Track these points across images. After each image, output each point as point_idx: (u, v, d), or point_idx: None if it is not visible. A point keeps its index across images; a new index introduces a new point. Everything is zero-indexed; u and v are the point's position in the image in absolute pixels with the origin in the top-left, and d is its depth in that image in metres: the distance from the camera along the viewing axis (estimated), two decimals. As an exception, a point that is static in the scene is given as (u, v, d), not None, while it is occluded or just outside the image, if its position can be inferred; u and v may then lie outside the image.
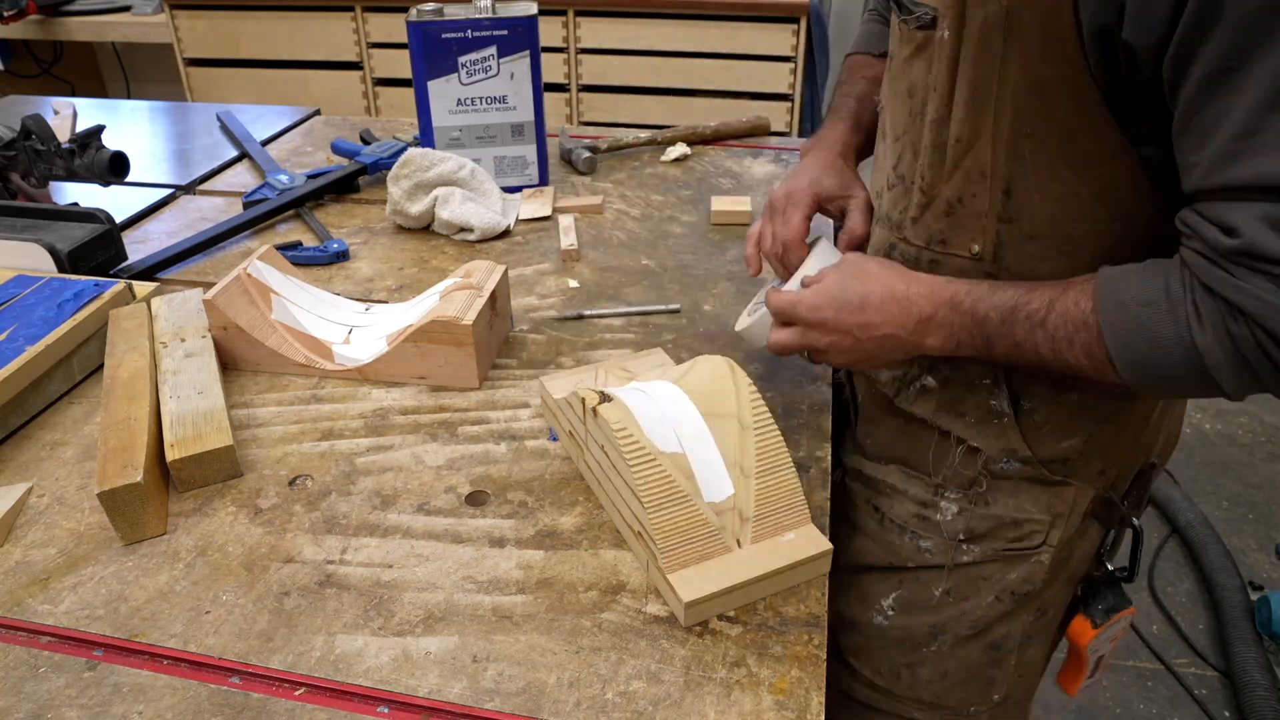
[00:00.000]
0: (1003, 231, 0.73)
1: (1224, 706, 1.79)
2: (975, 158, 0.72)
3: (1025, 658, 0.91)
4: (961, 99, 0.71)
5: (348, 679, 0.62)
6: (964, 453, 0.83)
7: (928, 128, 0.75)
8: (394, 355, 0.92)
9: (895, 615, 0.90)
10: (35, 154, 1.26)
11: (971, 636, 0.88)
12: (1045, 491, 0.83)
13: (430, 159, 1.22)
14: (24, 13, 2.77)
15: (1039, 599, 0.87)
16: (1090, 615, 0.89)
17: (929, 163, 0.76)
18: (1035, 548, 0.84)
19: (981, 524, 0.84)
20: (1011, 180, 0.71)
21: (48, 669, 0.64)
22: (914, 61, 0.76)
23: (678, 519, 0.67)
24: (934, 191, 0.76)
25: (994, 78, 0.68)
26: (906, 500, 0.87)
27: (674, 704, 0.60)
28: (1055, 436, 0.80)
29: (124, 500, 0.72)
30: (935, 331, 0.72)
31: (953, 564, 0.86)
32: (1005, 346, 0.69)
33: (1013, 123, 0.68)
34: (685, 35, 2.53)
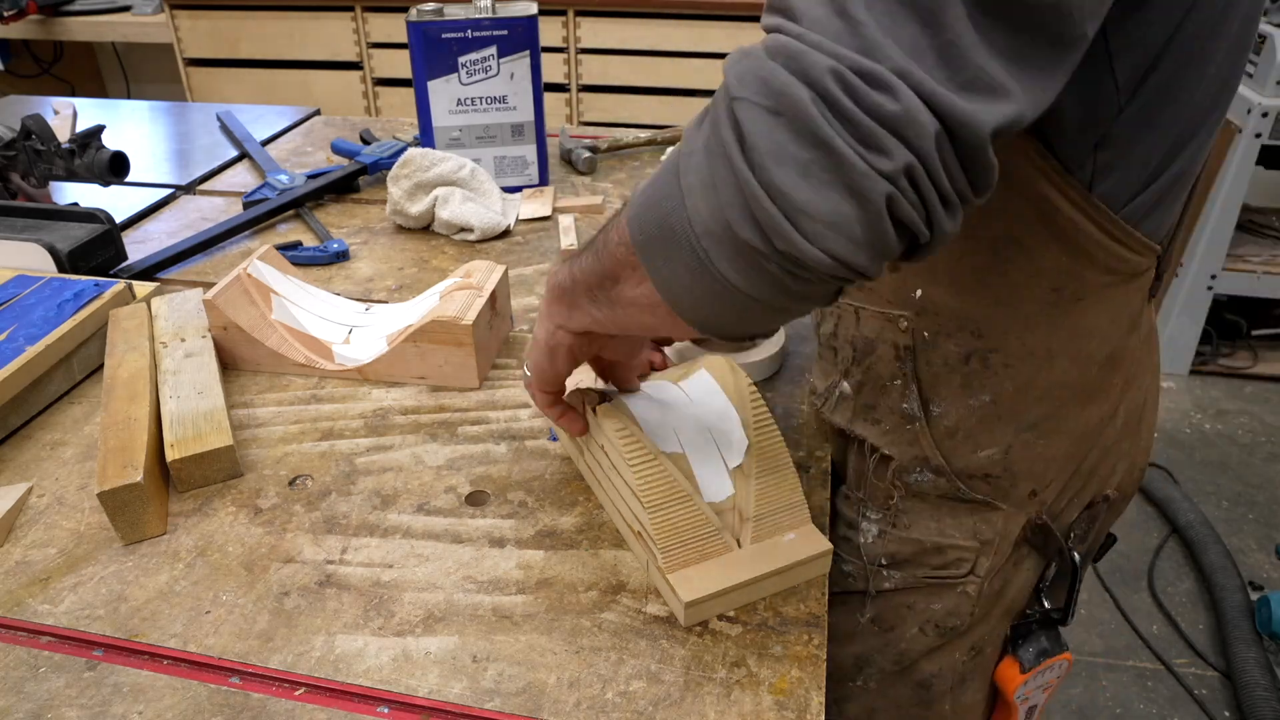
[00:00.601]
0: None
1: (1224, 706, 1.79)
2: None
3: (962, 702, 0.85)
4: None
5: (348, 679, 0.62)
6: (877, 462, 0.79)
7: None
8: (394, 355, 0.92)
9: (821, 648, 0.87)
10: (35, 154, 1.26)
11: (898, 673, 0.83)
12: (970, 515, 0.77)
13: (430, 159, 1.22)
14: (24, 13, 2.78)
15: (970, 635, 0.82)
16: (1020, 659, 0.82)
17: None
18: (961, 576, 0.79)
19: (903, 548, 0.80)
20: None
21: (48, 669, 0.64)
22: None
23: (678, 519, 0.67)
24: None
25: None
26: (840, 521, 0.84)
27: (674, 704, 0.60)
28: (969, 445, 0.75)
29: (124, 500, 0.72)
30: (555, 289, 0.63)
31: (874, 590, 0.82)
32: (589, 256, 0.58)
33: None
34: (685, 35, 2.54)
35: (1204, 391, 2.68)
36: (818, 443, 0.86)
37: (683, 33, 2.53)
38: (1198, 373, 2.74)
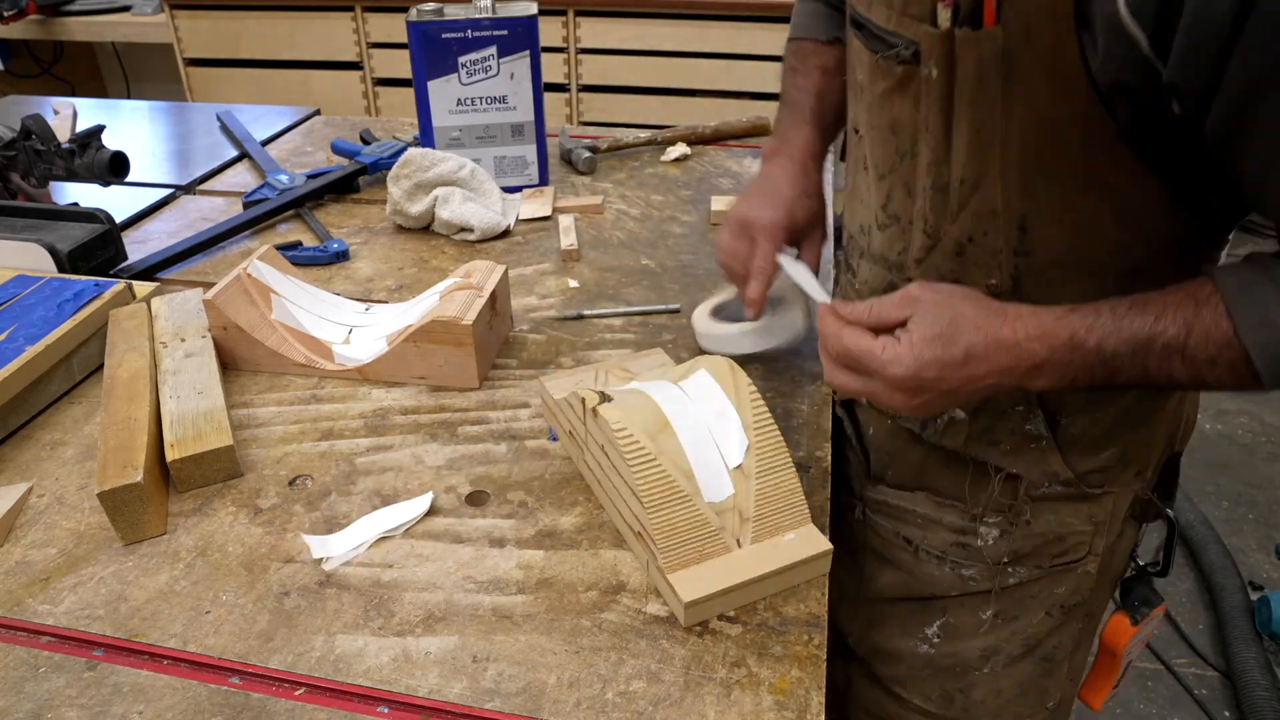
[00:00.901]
0: (1021, 265, 0.70)
1: (1224, 706, 1.79)
2: (983, 197, 0.68)
3: (1075, 662, 0.90)
4: (961, 141, 0.67)
5: (348, 679, 0.62)
6: (1002, 480, 0.80)
7: (923, 169, 0.71)
8: (394, 355, 0.92)
9: (941, 643, 0.88)
10: (35, 154, 1.26)
11: (1024, 654, 0.86)
12: (1085, 502, 0.80)
13: (430, 159, 1.22)
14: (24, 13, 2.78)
15: (1086, 606, 0.86)
16: (1130, 612, 0.87)
17: (930, 205, 0.72)
18: (1080, 559, 0.82)
19: (1025, 544, 0.82)
20: (1026, 216, 0.67)
21: (48, 669, 0.64)
22: (895, 98, 0.71)
23: (677, 519, 0.67)
24: (939, 233, 0.72)
25: (996, 118, 0.64)
26: (941, 529, 0.84)
27: (674, 704, 0.60)
28: (1093, 450, 0.78)
29: (124, 500, 0.72)
30: (1048, 374, 0.64)
31: (999, 588, 0.84)
32: (1131, 377, 0.63)
33: (1022, 161, 0.64)
34: (685, 35, 2.53)
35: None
36: (818, 443, 0.86)
37: (683, 33, 2.53)
38: (1198, 373, 2.74)
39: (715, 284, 1.12)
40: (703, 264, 1.17)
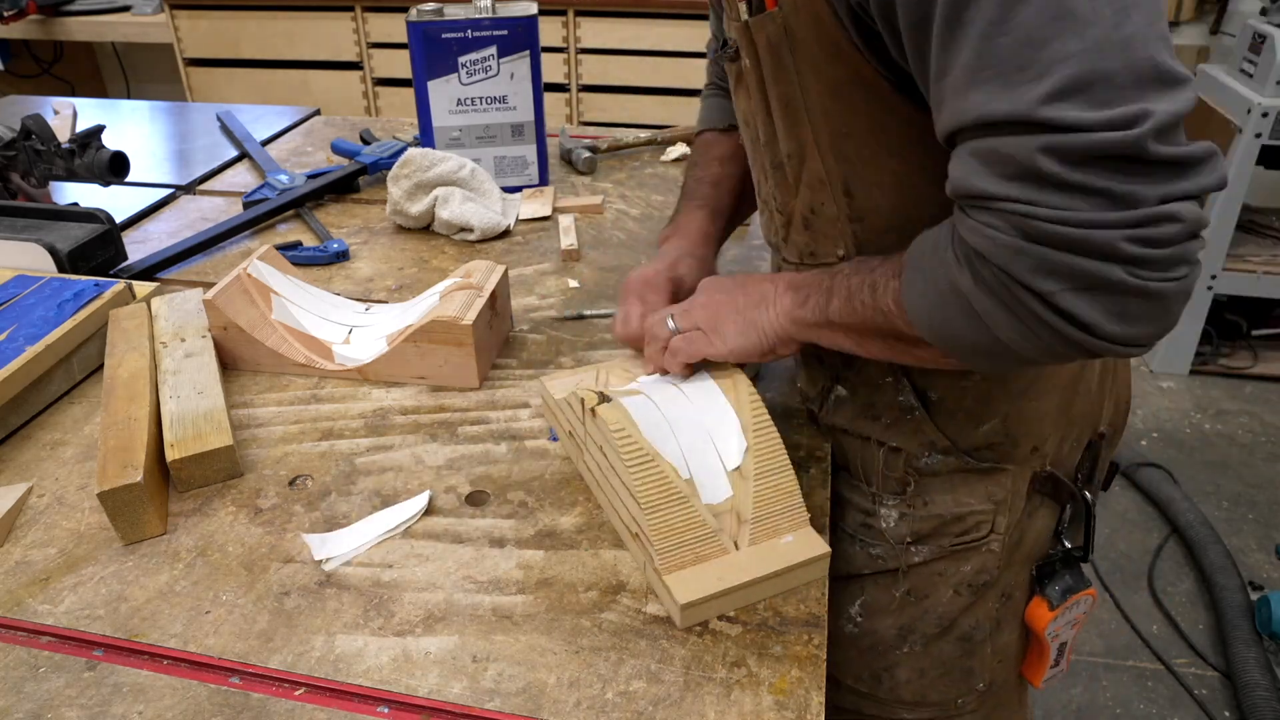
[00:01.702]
0: (858, 231, 0.74)
1: (1224, 706, 1.79)
2: (810, 168, 0.73)
3: (999, 644, 0.91)
4: (778, 116, 0.73)
5: (348, 679, 0.62)
6: (887, 454, 0.83)
7: (763, 150, 0.77)
8: (394, 355, 0.92)
9: (863, 621, 0.90)
10: (35, 154, 1.26)
11: (940, 633, 0.88)
12: (981, 480, 0.82)
13: (430, 159, 1.22)
14: (24, 13, 2.78)
15: (998, 585, 0.87)
16: (1047, 597, 0.88)
17: (775, 183, 0.78)
18: (983, 538, 0.84)
19: (925, 525, 0.84)
20: (848, 181, 0.72)
21: (48, 669, 0.64)
22: (738, 92, 0.79)
23: (674, 520, 0.67)
24: (789, 209, 0.78)
25: (796, 91, 0.69)
26: (853, 509, 0.87)
27: (674, 704, 0.60)
28: (971, 422, 0.79)
29: (124, 500, 0.72)
30: (794, 285, 0.73)
31: (905, 566, 0.86)
32: (841, 295, 0.68)
33: (828, 128, 0.69)
34: (685, 35, 2.54)
35: (1204, 391, 2.68)
36: (818, 442, 0.86)
37: (683, 33, 2.53)
38: (1198, 373, 2.74)
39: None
40: (703, 264, 1.17)
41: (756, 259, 1.18)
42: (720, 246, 0.96)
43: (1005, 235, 0.53)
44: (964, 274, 0.57)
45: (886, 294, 0.64)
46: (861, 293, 0.66)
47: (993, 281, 0.55)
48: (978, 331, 0.58)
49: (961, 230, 0.56)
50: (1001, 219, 0.53)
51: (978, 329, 0.58)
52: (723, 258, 1.18)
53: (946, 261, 0.58)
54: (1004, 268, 0.54)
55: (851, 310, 0.67)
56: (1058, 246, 0.51)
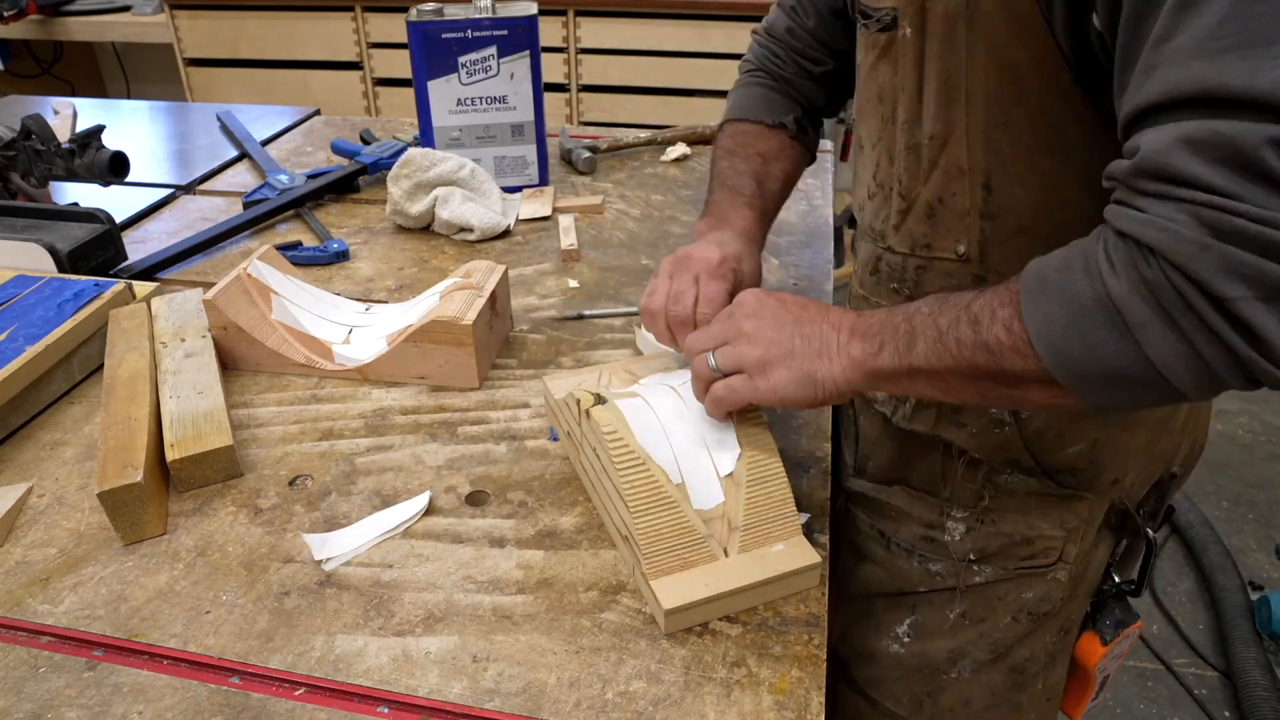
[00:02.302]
0: (987, 229, 0.70)
1: (1224, 706, 1.79)
2: (951, 155, 0.69)
3: (1051, 680, 0.88)
4: (931, 95, 0.69)
5: (348, 679, 0.62)
6: (965, 464, 0.80)
7: (900, 130, 0.73)
8: (394, 355, 0.92)
9: (911, 642, 0.87)
10: (35, 154, 1.26)
11: (992, 660, 0.85)
12: (1057, 505, 0.79)
13: (430, 159, 1.22)
14: (24, 13, 2.77)
15: (1059, 617, 0.84)
16: (1100, 631, 0.85)
17: (905, 166, 0.74)
18: (1050, 565, 0.81)
19: (991, 542, 0.81)
20: (991, 174, 0.68)
21: (48, 669, 0.64)
22: (880, 65, 0.74)
23: (663, 525, 0.67)
24: (913, 195, 0.74)
25: (961, 69, 0.65)
26: (912, 523, 0.85)
27: (674, 704, 0.60)
28: (1058, 443, 0.77)
29: (124, 500, 0.72)
30: (864, 329, 0.65)
31: (964, 586, 0.83)
32: (929, 337, 0.61)
33: (985, 114, 0.66)
34: (685, 35, 2.54)
35: (1204, 391, 2.68)
36: (818, 443, 0.86)
37: (683, 33, 2.53)
38: (1198, 373, 2.74)
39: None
40: (703, 264, 1.17)
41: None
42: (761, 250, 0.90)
43: (1190, 230, 0.47)
44: (1119, 279, 0.50)
45: (994, 325, 0.57)
46: (957, 330, 0.59)
47: (1160, 283, 0.48)
48: (1122, 351, 0.51)
49: (1126, 225, 0.50)
50: (1188, 212, 0.47)
51: (1123, 348, 0.51)
52: (723, 258, 1.18)
53: (1091, 271, 0.52)
54: (1183, 265, 0.47)
55: (943, 352, 0.60)
56: (1252, 248, 0.46)
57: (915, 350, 0.61)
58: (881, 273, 0.82)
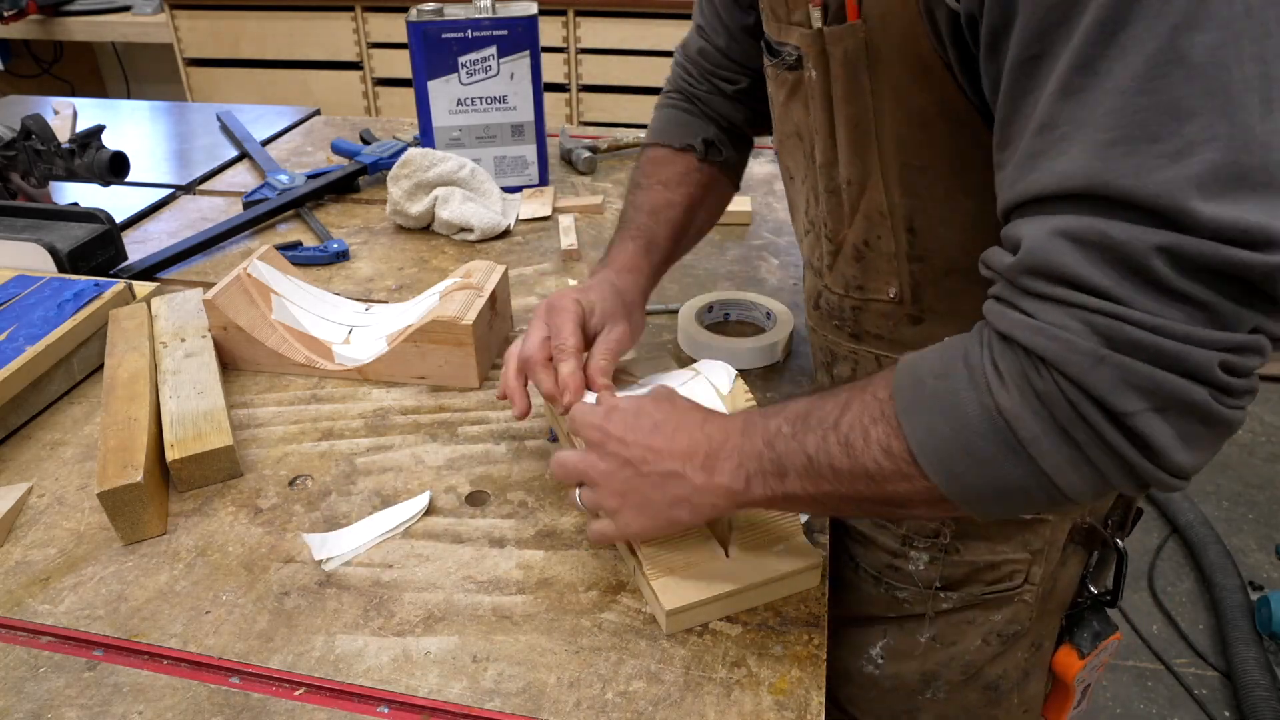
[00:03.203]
0: (916, 271, 0.68)
1: (1224, 706, 1.79)
2: (870, 199, 0.67)
3: (1027, 694, 0.87)
4: (844, 140, 0.66)
5: (348, 679, 0.62)
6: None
7: (820, 172, 0.71)
8: (394, 355, 0.92)
9: (885, 664, 0.86)
10: (35, 154, 1.26)
11: (964, 681, 0.84)
12: (1019, 529, 0.77)
13: (430, 159, 1.22)
14: (24, 13, 2.77)
15: (1029, 635, 0.83)
16: (1077, 645, 0.85)
17: (828, 209, 0.72)
18: (1016, 587, 0.80)
19: (956, 570, 0.80)
20: (912, 216, 0.66)
21: (48, 669, 0.64)
22: (791, 104, 0.72)
23: None
24: (839, 238, 0.72)
25: (869, 114, 0.63)
26: (877, 549, 0.83)
27: (674, 704, 0.60)
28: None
29: (124, 500, 0.72)
30: (723, 463, 0.60)
31: (933, 613, 0.82)
32: (798, 467, 0.57)
33: (899, 158, 0.64)
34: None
35: (1204, 391, 2.68)
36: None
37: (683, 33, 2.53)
38: (1198, 373, 2.74)
39: (714, 284, 1.12)
40: (702, 264, 1.17)
41: (756, 259, 1.18)
42: (652, 283, 0.86)
43: (1084, 340, 0.45)
44: (1008, 391, 0.48)
45: (870, 447, 0.53)
46: (828, 455, 0.55)
47: (1053, 396, 0.46)
48: (1015, 466, 0.48)
49: (1013, 330, 0.47)
50: (1080, 319, 0.45)
51: (1015, 462, 0.48)
52: (723, 257, 1.18)
53: (977, 383, 0.49)
54: (1078, 379, 0.45)
55: (818, 479, 0.56)
56: (1147, 359, 0.44)
57: (786, 480, 0.58)
58: (822, 309, 0.80)
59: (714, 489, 0.60)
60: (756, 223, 1.28)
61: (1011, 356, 0.48)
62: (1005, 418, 0.48)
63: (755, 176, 1.42)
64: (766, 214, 1.31)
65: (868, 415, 0.54)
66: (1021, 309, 0.48)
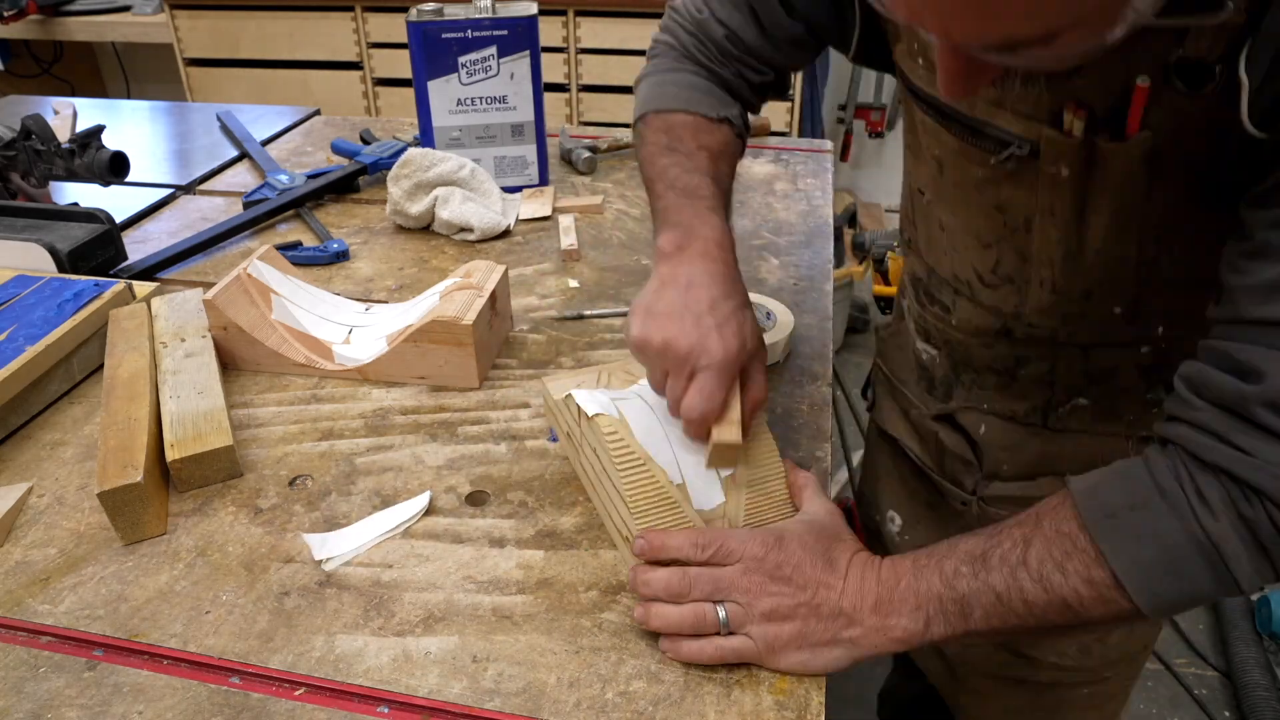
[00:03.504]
0: (1143, 292, 0.72)
1: (1224, 706, 1.79)
2: (1114, 254, 0.69)
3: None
4: (1098, 221, 0.67)
5: (348, 679, 0.62)
6: (1136, 442, 0.80)
7: (1047, 242, 0.71)
8: (394, 355, 0.92)
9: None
10: (35, 154, 1.26)
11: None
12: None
13: (430, 159, 1.22)
14: (24, 13, 2.77)
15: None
16: None
17: (1061, 270, 0.72)
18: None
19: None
20: (1158, 258, 0.69)
21: (48, 669, 0.64)
22: (1003, 185, 0.71)
23: (664, 525, 0.67)
24: (1069, 285, 0.73)
25: (1139, 202, 0.65)
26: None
27: (674, 704, 0.60)
28: None
29: (124, 500, 0.72)
30: (900, 606, 0.61)
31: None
32: (985, 606, 0.59)
33: (1162, 224, 0.66)
34: (685, 35, 2.53)
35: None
36: (818, 443, 0.86)
37: (683, 33, 2.53)
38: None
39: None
40: (703, 264, 1.17)
41: (756, 258, 1.18)
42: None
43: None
44: (1216, 519, 0.53)
45: (1069, 581, 0.57)
46: (1020, 592, 0.58)
47: (1263, 525, 0.52)
48: (1212, 579, 0.54)
49: (1234, 467, 0.52)
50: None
51: (1214, 576, 0.54)
52: (723, 258, 1.18)
53: (1178, 511, 0.54)
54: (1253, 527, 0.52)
55: (1007, 614, 0.58)
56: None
57: (972, 618, 0.59)
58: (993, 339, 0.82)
59: (888, 630, 0.61)
60: (757, 223, 1.28)
61: (1218, 485, 0.53)
62: (1213, 541, 0.53)
63: (755, 176, 1.42)
64: (767, 214, 1.31)
65: (1059, 550, 0.57)
66: (1239, 446, 0.52)
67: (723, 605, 0.62)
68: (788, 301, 1.03)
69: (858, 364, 2.75)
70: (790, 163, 1.48)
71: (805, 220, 1.29)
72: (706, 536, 0.64)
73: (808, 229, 1.26)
